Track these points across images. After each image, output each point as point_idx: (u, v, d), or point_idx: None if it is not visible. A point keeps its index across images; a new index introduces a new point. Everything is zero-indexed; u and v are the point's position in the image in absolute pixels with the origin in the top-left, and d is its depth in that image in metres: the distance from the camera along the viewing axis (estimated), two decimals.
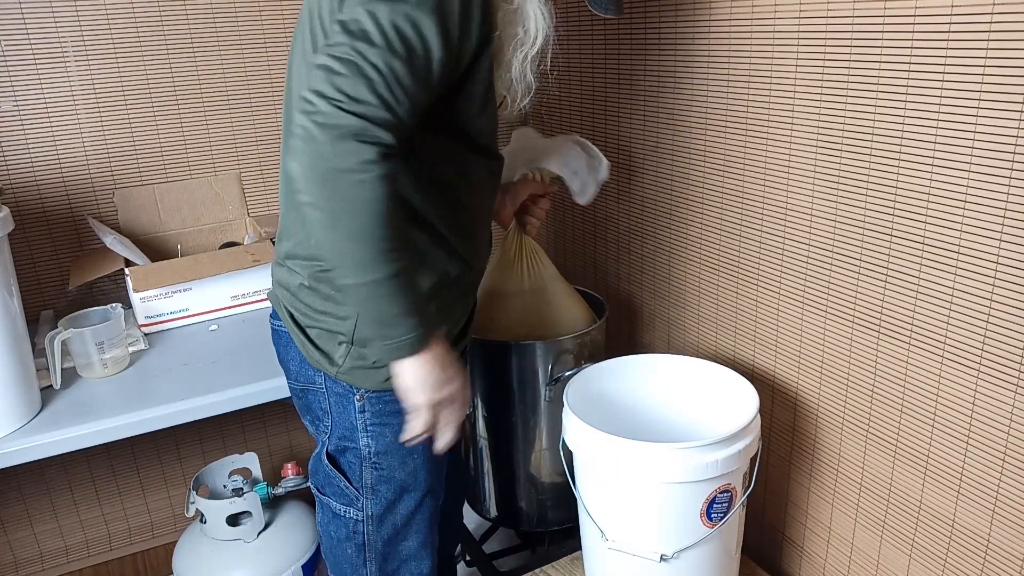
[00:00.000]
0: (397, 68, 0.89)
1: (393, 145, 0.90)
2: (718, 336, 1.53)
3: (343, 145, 0.87)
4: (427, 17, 0.90)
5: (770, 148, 1.30)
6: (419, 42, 0.90)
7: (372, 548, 1.19)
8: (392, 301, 0.94)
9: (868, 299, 1.18)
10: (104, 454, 1.83)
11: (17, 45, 1.58)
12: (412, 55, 0.90)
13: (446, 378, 1.01)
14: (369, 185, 0.88)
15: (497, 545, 1.84)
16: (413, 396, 1.01)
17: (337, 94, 0.87)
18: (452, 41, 0.92)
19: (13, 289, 1.25)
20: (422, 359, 0.99)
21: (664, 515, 1.16)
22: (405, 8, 0.89)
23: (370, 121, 0.88)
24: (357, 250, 0.90)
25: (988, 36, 0.94)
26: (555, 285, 1.50)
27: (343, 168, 0.87)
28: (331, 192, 0.88)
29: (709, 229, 1.49)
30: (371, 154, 0.87)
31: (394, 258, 0.92)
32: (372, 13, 0.90)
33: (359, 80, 0.88)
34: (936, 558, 1.16)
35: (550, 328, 1.48)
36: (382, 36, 0.89)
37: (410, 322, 0.95)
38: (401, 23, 0.89)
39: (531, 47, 1.02)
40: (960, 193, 1.02)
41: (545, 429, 1.51)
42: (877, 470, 1.23)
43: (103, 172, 1.71)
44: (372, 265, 0.91)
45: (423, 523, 1.20)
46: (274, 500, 1.60)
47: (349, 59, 0.88)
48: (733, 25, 1.32)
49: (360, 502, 1.16)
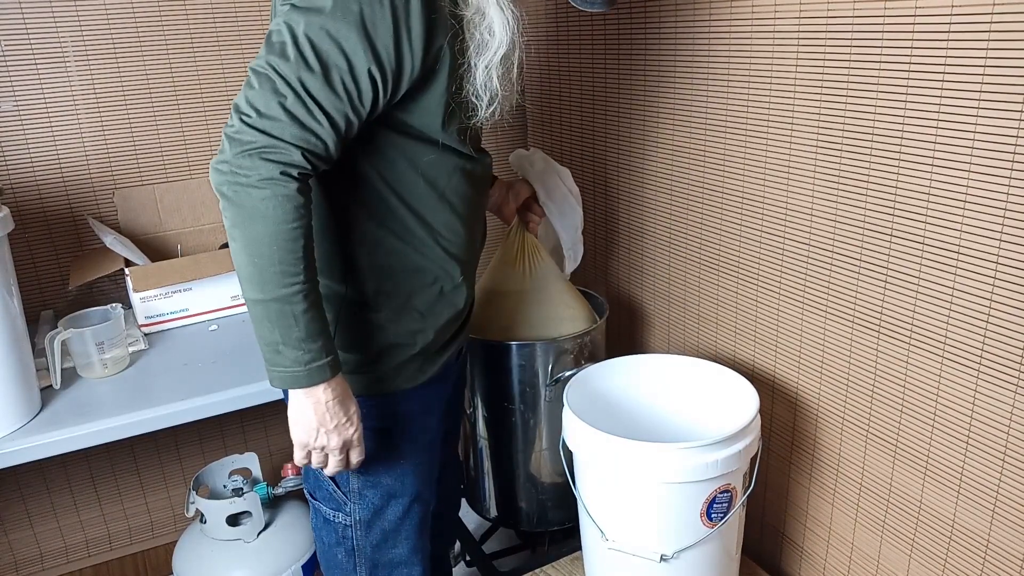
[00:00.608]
0: (311, 84, 0.87)
1: (302, 164, 0.88)
2: (718, 336, 1.53)
3: (247, 161, 0.87)
4: (349, 30, 0.87)
5: (770, 148, 1.30)
6: (339, 56, 0.88)
7: (362, 553, 1.19)
8: (275, 327, 0.91)
9: (868, 299, 1.18)
10: (104, 454, 1.83)
11: (17, 45, 1.58)
12: (328, 70, 0.88)
13: (332, 426, 0.97)
14: (268, 203, 0.87)
15: (497, 545, 1.84)
16: (292, 431, 1.00)
17: (248, 108, 0.87)
18: (382, 53, 0.89)
19: (13, 289, 1.25)
20: (304, 397, 0.96)
21: (664, 515, 1.16)
22: (322, 20, 0.87)
23: (277, 139, 0.87)
24: (247, 265, 0.90)
25: (988, 36, 0.94)
26: (556, 283, 1.50)
27: (244, 183, 0.87)
28: (233, 204, 0.88)
29: (709, 229, 1.49)
30: (272, 172, 0.86)
31: (286, 283, 0.89)
32: (290, 26, 0.88)
33: (271, 96, 0.87)
34: (936, 558, 1.16)
35: (551, 327, 1.48)
36: (296, 50, 0.87)
37: (294, 355, 0.92)
38: (317, 36, 0.87)
39: (495, 52, 0.97)
40: (960, 193, 1.02)
41: (545, 429, 1.51)
42: (877, 470, 1.23)
43: (103, 172, 1.71)
44: (260, 284, 0.90)
45: (412, 529, 1.19)
46: (274, 500, 1.59)
47: (264, 72, 0.87)
48: (733, 25, 1.32)
49: (348, 507, 1.16)
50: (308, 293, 0.92)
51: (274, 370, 0.95)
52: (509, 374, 1.48)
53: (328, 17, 0.87)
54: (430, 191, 1.04)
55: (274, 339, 0.92)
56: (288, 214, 0.88)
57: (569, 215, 1.45)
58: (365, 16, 0.87)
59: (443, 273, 1.09)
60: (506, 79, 1.02)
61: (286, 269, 0.89)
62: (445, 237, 1.07)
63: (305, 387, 0.95)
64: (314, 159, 0.90)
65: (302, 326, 0.91)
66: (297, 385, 0.95)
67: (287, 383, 0.95)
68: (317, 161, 0.91)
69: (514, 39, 0.98)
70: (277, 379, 0.95)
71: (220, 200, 0.90)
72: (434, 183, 1.04)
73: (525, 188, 1.42)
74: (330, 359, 0.95)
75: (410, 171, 1.02)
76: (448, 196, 1.06)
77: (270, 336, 0.92)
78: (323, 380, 0.95)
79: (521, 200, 1.43)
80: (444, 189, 1.05)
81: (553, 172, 1.43)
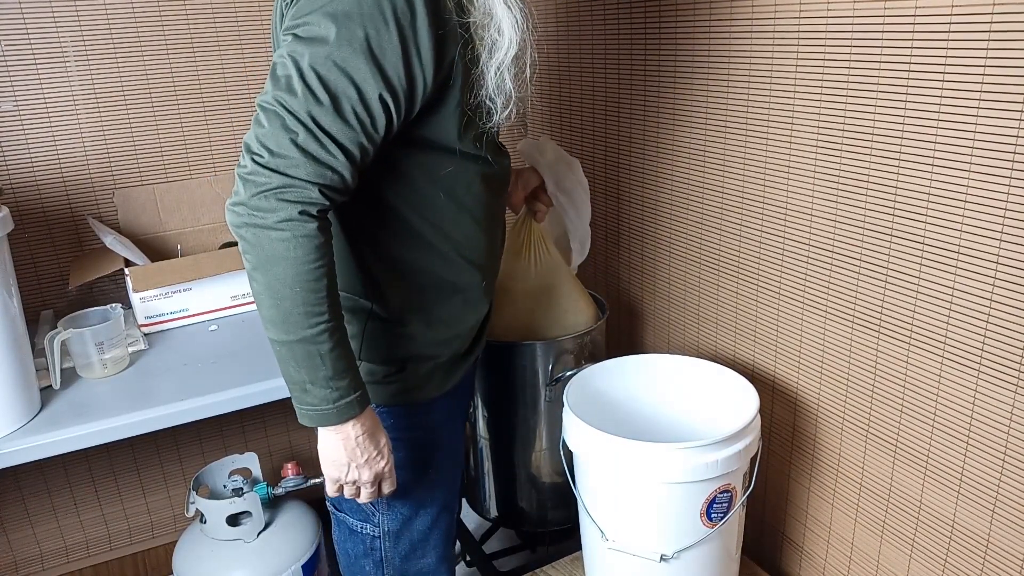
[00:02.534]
0: (322, 118, 0.84)
1: (320, 202, 0.86)
2: (718, 336, 1.53)
3: (264, 202, 0.84)
4: (356, 58, 0.84)
5: (770, 148, 1.30)
6: (348, 86, 0.85)
7: (391, 564, 1.17)
8: (301, 367, 0.90)
9: (868, 299, 1.18)
10: (104, 454, 1.83)
11: (17, 45, 1.58)
12: (338, 102, 0.85)
13: (363, 460, 0.97)
14: (288, 244, 0.85)
15: (497, 545, 1.84)
16: (323, 467, 0.99)
17: (260, 148, 0.85)
18: (393, 77, 0.87)
19: (13, 289, 1.25)
20: (334, 434, 0.95)
21: (664, 515, 1.15)
22: (328, 51, 0.84)
23: (293, 178, 0.84)
24: (270, 307, 0.88)
25: (988, 36, 0.94)
26: (562, 276, 1.48)
27: (263, 225, 0.85)
28: (252, 246, 0.86)
29: (709, 229, 1.49)
30: (291, 212, 0.84)
31: (311, 323, 0.88)
32: (295, 58, 0.85)
33: (281, 133, 0.84)
34: (936, 558, 1.16)
35: (556, 325, 1.47)
36: (303, 84, 0.84)
37: (322, 394, 0.91)
38: (323, 68, 0.84)
39: (506, 53, 0.94)
40: (960, 193, 1.02)
41: (545, 429, 1.51)
42: (877, 470, 1.23)
43: (103, 172, 1.71)
44: (284, 326, 0.88)
45: (440, 538, 1.18)
46: (274, 500, 1.59)
47: (272, 109, 0.85)
48: (733, 25, 1.32)
49: (376, 518, 1.15)
50: (333, 332, 0.90)
51: (302, 408, 0.94)
52: (509, 374, 1.48)
53: (334, 47, 0.84)
54: (449, 203, 1.02)
55: (301, 379, 0.91)
56: (310, 254, 0.86)
57: (579, 206, 1.44)
58: (372, 41, 0.84)
59: (466, 282, 1.08)
60: (519, 79, 1.00)
61: (310, 310, 0.87)
62: (466, 247, 1.06)
63: (335, 424, 0.94)
64: (332, 193, 0.88)
65: (329, 365, 0.90)
66: (327, 423, 0.94)
67: (316, 421, 0.94)
68: (335, 195, 0.89)
69: (525, 37, 0.96)
70: (306, 417, 0.94)
71: (239, 242, 0.88)
72: (452, 194, 1.02)
73: (534, 177, 1.40)
74: (358, 395, 0.94)
75: (428, 186, 1.00)
76: (467, 205, 1.04)
77: (297, 376, 0.91)
78: (352, 416, 0.94)
79: (530, 188, 1.40)
80: (463, 198, 1.03)
81: (563, 162, 1.41)
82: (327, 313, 0.89)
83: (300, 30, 0.85)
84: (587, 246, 1.50)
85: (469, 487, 1.68)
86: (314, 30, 0.84)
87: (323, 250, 0.87)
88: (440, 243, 1.04)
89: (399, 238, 1.02)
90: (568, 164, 1.41)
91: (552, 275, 1.48)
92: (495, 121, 0.99)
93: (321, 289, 0.88)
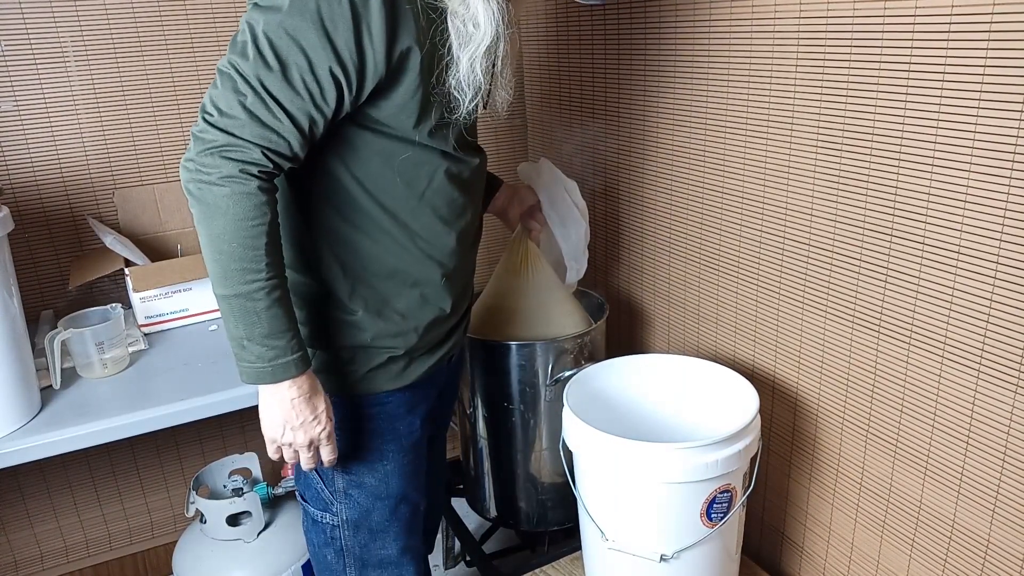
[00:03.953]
0: (270, 82, 0.88)
1: (262, 163, 0.89)
2: (718, 336, 1.53)
3: (209, 159, 0.88)
4: (308, 27, 0.87)
5: (770, 148, 1.30)
6: (298, 54, 0.88)
7: (350, 553, 1.19)
8: (239, 323, 0.93)
9: (868, 299, 1.18)
10: (104, 454, 1.83)
11: (17, 45, 1.58)
12: (287, 68, 0.88)
13: (299, 423, 0.98)
14: (228, 200, 0.88)
15: (497, 545, 1.84)
16: (262, 426, 1.01)
17: (211, 108, 0.89)
18: (343, 51, 0.89)
19: (13, 289, 1.25)
20: (270, 394, 0.97)
21: (664, 515, 1.16)
22: (280, 18, 0.87)
23: (237, 137, 0.88)
24: (211, 261, 0.92)
25: (988, 36, 0.94)
26: (555, 293, 1.49)
27: (206, 181, 0.88)
28: (197, 200, 0.90)
29: (709, 229, 1.49)
30: (232, 170, 0.88)
31: (248, 279, 0.90)
32: (250, 24, 0.88)
33: (231, 95, 0.88)
34: (936, 558, 1.16)
35: (554, 334, 1.47)
36: (255, 49, 0.87)
37: (258, 351, 0.93)
38: (275, 34, 0.87)
39: (479, 45, 0.95)
40: (960, 193, 1.02)
41: (545, 429, 1.51)
42: (877, 470, 1.23)
43: (103, 172, 1.71)
44: (223, 280, 0.91)
45: (401, 529, 1.19)
46: (274, 500, 1.60)
47: (227, 72, 0.89)
48: (733, 25, 1.32)
49: (335, 507, 1.16)
50: (271, 290, 0.92)
51: (241, 365, 0.96)
52: (509, 374, 1.48)
53: (286, 15, 0.87)
54: (408, 192, 1.02)
55: (239, 334, 0.94)
56: (248, 211, 0.89)
57: (572, 227, 1.45)
58: (323, 13, 0.87)
59: (423, 276, 1.07)
60: (490, 72, 1.00)
61: (247, 266, 0.90)
62: (425, 239, 1.05)
63: (270, 383, 0.96)
64: (276, 157, 0.91)
65: (264, 323, 0.92)
66: (262, 381, 0.96)
67: (253, 378, 0.96)
68: (280, 159, 0.91)
69: (499, 31, 0.96)
70: (244, 374, 0.97)
71: (187, 196, 0.91)
72: (412, 184, 1.02)
73: (531, 195, 1.41)
74: (296, 356, 0.96)
75: (386, 171, 1.00)
76: (429, 198, 1.04)
77: (235, 331, 0.94)
78: (288, 377, 0.96)
79: (526, 206, 1.41)
80: (424, 191, 1.03)
81: (559, 184, 1.43)
82: (265, 271, 0.91)
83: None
84: (583, 268, 1.51)
85: (469, 487, 1.68)
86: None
87: (263, 209, 0.90)
88: (393, 229, 1.03)
89: (347, 216, 1.02)
90: (564, 186, 1.43)
91: (548, 292, 1.49)
92: (461, 111, 0.99)
93: (259, 247, 0.90)
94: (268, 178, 0.91)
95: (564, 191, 1.43)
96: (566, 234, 1.45)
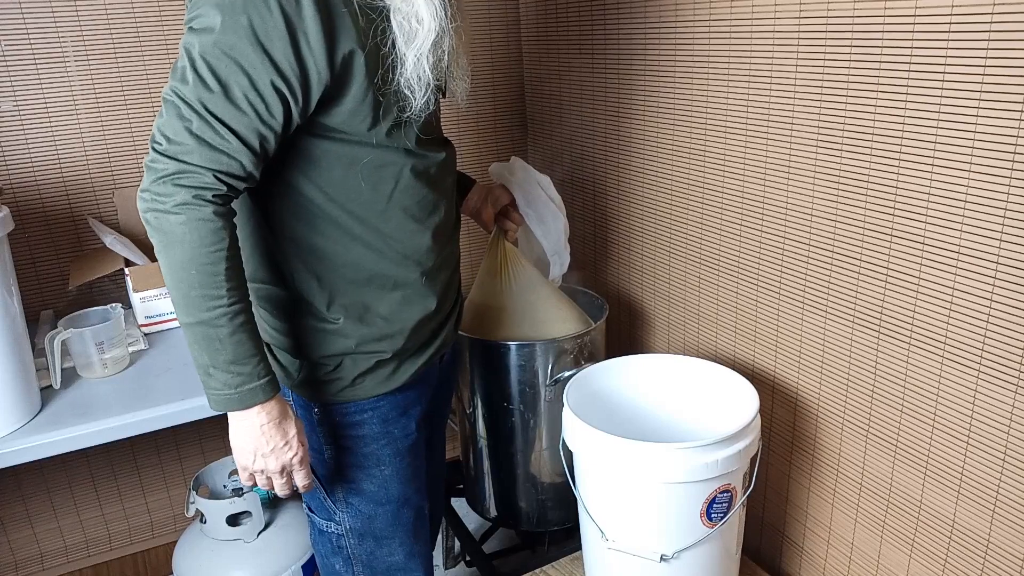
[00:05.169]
0: (212, 104, 0.87)
1: (215, 187, 0.88)
2: (718, 336, 1.53)
3: (161, 188, 0.88)
4: (243, 44, 0.86)
5: (770, 148, 1.30)
6: (237, 72, 0.87)
7: (359, 561, 1.18)
8: (203, 350, 0.92)
9: (868, 299, 1.18)
10: (104, 454, 1.83)
11: (17, 45, 1.58)
12: (228, 88, 0.87)
13: (269, 449, 0.97)
14: (184, 228, 0.87)
15: (497, 545, 1.84)
16: (233, 454, 1.01)
17: (159, 136, 0.88)
18: (283, 63, 0.88)
19: (13, 289, 1.25)
20: (239, 420, 0.96)
21: (664, 515, 1.16)
22: (215, 38, 0.86)
23: (188, 163, 0.87)
24: (173, 289, 0.91)
25: (988, 36, 0.94)
26: (541, 290, 1.49)
27: (162, 210, 0.88)
28: (155, 230, 0.89)
29: (709, 229, 1.49)
30: (186, 197, 0.87)
31: (208, 307, 0.90)
32: (187, 49, 0.88)
33: (177, 122, 0.87)
34: (936, 558, 1.16)
35: (542, 332, 1.47)
36: (194, 72, 0.87)
37: (223, 378, 0.93)
38: (211, 55, 0.86)
39: (424, 41, 0.94)
40: (960, 193, 1.02)
41: (545, 429, 1.51)
42: (877, 470, 1.23)
43: (103, 172, 1.71)
44: (185, 308, 0.91)
45: (406, 535, 1.18)
46: (274, 500, 1.59)
47: (170, 100, 0.88)
48: (733, 25, 1.32)
49: (338, 516, 1.16)
50: (234, 316, 0.91)
51: (208, 392, 0.95)
52: (509, 374, 1.48)
53: (220, 34, 0.86)
54: (375, 195, 1.01)
55: (204, 362, 0.93)
56: (205, 238, 0.88)
57: (550, 222, 1.44)
58: (256, 28, 0.86)
59: (402, 277, 1.06)
60: (438, 68, 0.99)
61: (207, 293, 0.89)
62: (399, 240, 1.04)
63: (238, 410, 0.95)
64: (229, 179, 0.90)
65: (229, 349, 0.92)
66: (230, 408, 0.95)
67: (220, 406, 0.95)
68: (233, 180, 0.90)
69: (443, 25, 0.95)
70: (212, 401, 0.96)
71: (146, 227, 0.91)
72: (378, 187, 1.01)
73: (505, 194, 1.39)
74: (263, 382, 0.95)
75: (349, 177, 0.99)
76: (398, 199, 1.02)
77: (200, 359, 0.93)
78: (256, 402, 0.95)
79: (500, 206, 1.39)
80: (391, 192, 1.02)
81: (533, 180, 1.42)
82: (226, 297, 0.90)
83: (194, 22, 0.88)
84: (566, 261, 1.50)
85: (469, 487, 1.68)
86: (204, 20, 0.87)
87: (220, 235, 0.89)
88: (368, 237, 1.02)
89: (318, 229, 1.01)
90: (538, 182, 1.42)
91: (532, 291, 1.48)
92: (413, 109, 0.98)
93: (219, 273, 0.90)
94: (223, 202, 0.90)
95: (538, 187, 1.42)
96: (545, 230, 1.44)
